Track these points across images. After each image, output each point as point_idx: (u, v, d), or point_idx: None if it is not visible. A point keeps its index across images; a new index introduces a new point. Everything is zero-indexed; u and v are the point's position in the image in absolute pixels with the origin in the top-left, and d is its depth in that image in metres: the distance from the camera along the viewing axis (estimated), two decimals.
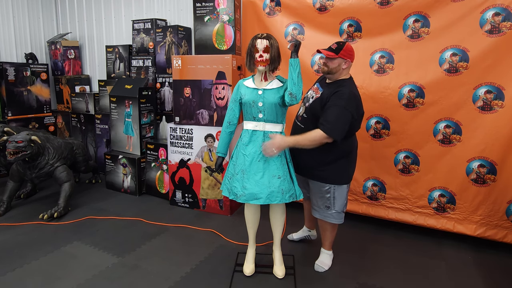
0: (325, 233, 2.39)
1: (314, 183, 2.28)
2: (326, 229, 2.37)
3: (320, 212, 2.30)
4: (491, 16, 2.46)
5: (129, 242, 2.71)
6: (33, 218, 3.07)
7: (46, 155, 3.16)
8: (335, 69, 2.13)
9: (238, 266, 2.36)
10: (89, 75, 4.92)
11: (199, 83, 3.19)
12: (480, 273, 2.37)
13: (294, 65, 1.97)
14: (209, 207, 3.33)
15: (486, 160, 2.59)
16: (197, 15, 3.31)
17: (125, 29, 4.50)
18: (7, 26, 4.49)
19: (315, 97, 2.17)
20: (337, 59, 2.10)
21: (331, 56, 2.10)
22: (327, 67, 2.14)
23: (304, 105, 2.27)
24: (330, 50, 2.12)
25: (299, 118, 2.28)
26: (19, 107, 4.27)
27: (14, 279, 2.20)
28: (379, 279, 2.28)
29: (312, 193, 2.33)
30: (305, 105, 2.25)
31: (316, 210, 2.32)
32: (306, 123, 2.20)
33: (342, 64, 2.12)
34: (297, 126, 2.27)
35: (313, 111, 2.15)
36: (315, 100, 2.16)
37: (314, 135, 2.03)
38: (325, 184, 2.22)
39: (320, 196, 2.27)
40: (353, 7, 2.87)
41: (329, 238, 2.39)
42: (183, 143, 3.34)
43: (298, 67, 1.97)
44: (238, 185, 2.11)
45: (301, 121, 2.25)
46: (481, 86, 2.54)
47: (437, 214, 2.80)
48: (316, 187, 2.27)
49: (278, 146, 2.01)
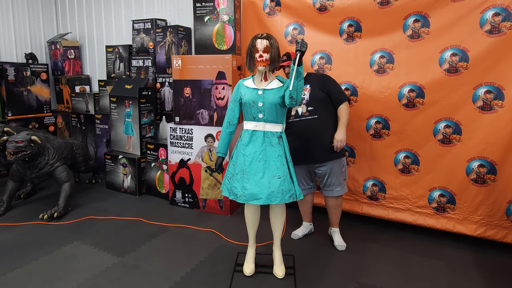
0: (338, 210, 2.69)
1: (334, 162, 2.55)
2: (340, 205, 2.69)
3: (341, 187, 2.61)
4: (491, 16, 2.46)
5: (129, 242, 2.71)
6: (33, 218, 3.07)
7: (46, 155, 3.16)
8: None
9: (238, 266, 2.36)
10: (89, 75, 4.92)
11: (199, 83, 3.19)
12: (480, 273, 2.37)
13: (297, 72, 1.91)
14: (209, 207, 3.33)
15: (486, 160, 2.59)
16: (197, 15, 3.31)
17: (125, 29, 4.50)
18: (7, 26, 4.49)
19: (308, 92, 2.55)
20: None
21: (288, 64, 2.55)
22: None
23: (302, 104, 2.55)
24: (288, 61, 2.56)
25: (305, 114, 2.53)
26: (19, 107, 4.27)
27: (14, 279, 2.20)
28: (379, 279, 2.28)
29: (332, 174, 2.57)
30: (303, 103, 2.55)
31: (337, 190, 2.59)
32: (315, 111, 2.52)
33: None
34: (307, 120, 2.52)
35: (318, 100, 2.53)
36: (311, 93, 2.54)
37: (346, 108, 2.55)
38: (343, 158, 2.61)
39: (340, 172, 2.60)
40: (353, 7, 2.87)
41: (340, 212, 2.71)
42: (183, 143, 3.34)
43: (301, 74, 1.94)
44: (238, 185, 2.11)
45: (310, 114, 2.52)
46: (481, 86, 2.54)
47: (437, 214, 2.80)
48: (336, 166, 2.56)
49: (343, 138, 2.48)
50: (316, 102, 2.52)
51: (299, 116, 2.54)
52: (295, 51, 1.90)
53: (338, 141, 2.48)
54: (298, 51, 1.89)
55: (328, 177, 2.58)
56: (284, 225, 2.39)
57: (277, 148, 2.11)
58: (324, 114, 2.52)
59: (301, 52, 1.89)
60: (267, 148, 2.10)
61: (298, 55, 1.89)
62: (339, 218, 2.72)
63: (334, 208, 2.68)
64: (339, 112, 2.56)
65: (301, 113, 2.54)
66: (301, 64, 1.91)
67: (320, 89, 2.53)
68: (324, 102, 2.53)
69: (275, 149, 2.10)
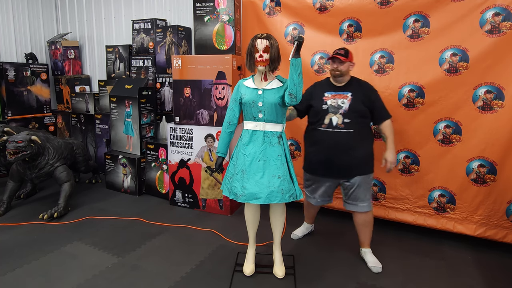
0: (368, 228, 2.46)
1: (362, 178, 2.36)
2: (370, 224, 2.46)
3: (368, 204, 2.40)
4: (491, 16, 2.46)
5: (129, 242, 2.71)
6: (33, 218, 3.07)
7: (46, 155, 3.16)
8: (345, 72, 2.37)
9: (238, 266, 2.36)
10: (89, 75, 4.92)
11: (199, 83, 3.19)
12: (480, 273, 2.37)
13: (295, 65, 1.90)
14: (209, 207, 3.33)
15: (486, 160, 2.59)
16: (197, 15, 3.31)
17: (125, 29, 4.50)
18: (7, 26, 4.49)
19: (348, 102, 2.32)
20: (347, 62, 2.34)
21: (344, 60, 2.32)
22: (339, 71, 2.35)
23: (338, 113, 2.33)
24: (341, 55, 2.33)
25: (340, 125, 2.32)
26: (19, 107, 4.27)
27: (14, 279, 2.20)
28: (379, 279, 2.28)
29: (359, 187, 2.37)
30: (339, 112, 2.33)
31: (362, 205, 2.39)
32: (351, 125, 2.31)
33: (350, 67, 2.39)
34: (340, 133, 2.32)
35: (357, 113, 2.32)
36: (352, 103, 2.32)
37: (390, 126, 2.39)
38: (371, 174, 2.41)
39: (367, 188, 2.40)
40: (353, 7, 2.87)
41: (370, 231, 2.48)
42: (183, 143, 3.34)
43: (299, 67, 1.92)
44: (238, 185, 2.11)
45: (346, 127, 2.31)
46: (481, 86, 2.54)
47: (437, 214, 2.80)
48: (363, 181, 2.37)
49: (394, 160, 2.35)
50: (354, 115, 2.31)
51: (332, 126, 2.34)
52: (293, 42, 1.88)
53: (391, 163, 2.33)
54: (296, 41, 1.87)
55: (355, 190, 2.37)
56: (284, 225, 2.39)
57: (277, 148, 2.11)
58: (360, 129, 2.33)
59: (299, 42, 1.86)
60: (267, 148, 2.10)
61: (295, 44, 1.86)
62: (370, 238, 2.47)
63: (363, 225, 2.44)
64: (383, 130, 2.38)
65: (335, 124, 2.33)
66: (298, 57, 1.89)
67: (362, 102, 2.32)
68: (363, 116, 2.34)
69: (275, 149, 2.10)
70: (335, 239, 2.80)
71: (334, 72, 2.37)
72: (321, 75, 3.03)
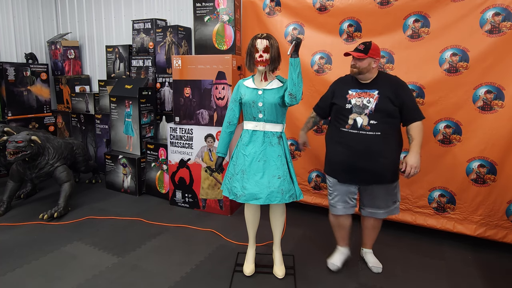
0: (375, 231, 2.40)
1: (383, 186, 2.19)
2: (378, 228, 2.40)
3: (386, 210, 2.27)
4: (491, 16, 2.46)
5: (129, 242, 2.71)
6: (33, 218, 3.07)
7: (46, 155, 3.16)
8: (366, 69, 2.13)
9: (238, 266, 2.36)
10: (89, 75, 4.92)
11: (199, 83, 3.19)
12: (480, 273, 2.37)
13: (294, 65, 1.91)
14: (209, 207, 3.33)
15: (486, 160, 2.59)
16: (197, 15, 3.31)
17: (125, 29, 4.50)
18: (7, 26, 4.49)
19: (374, 101, 2.10)
20: (366, 59, 2.11)
21: (361, 57, 2.10)
22: (357, 68, 2.14)
23: (363, 113, 2.12)
24: (359, 51, 2.13)
25: (366, 127, 2.10)
26: (19, 107, 4.27)
27: (14, 279, 2.20)
28: (379, 279, 2.28)
29: (378, 197, 2.23)
30: (365, 113, 2.11)
31: (380, 212, 2.27)
32: (378, 127, 2.09)
33: (372, 63, 2.13)
34: (366, 136, 2.10)
35: (385, 112, 2.09)
36: (379, 102, 2.09)
37: (420, 127, 2.11)
38: (397, 181, 2.24)
39: (389, 195, 2.24)
40: (353, 7, 2.87)
41: (376, 234, 2.42)
42: (183, 143, 3.34)
43: (298, 67, 1.92)
44: (238, 185, 2.11)
45: (372, 129, 2.09)
46: (481, 86, 2.54)
47: (437, 214, 2.80)
48: (385, 189, 2.21)
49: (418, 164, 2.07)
50: (381, 116, 2.08)
51: (357, 128, 2.12)
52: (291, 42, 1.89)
53: (413, 167, 2.04)
54: (294, 41, 1.88)
55: (374, 198, 2.24)
56: (284, 225, 2.38)
57: (277, 148, 2.11)
58: (388, 131, 2.10)
59: (297, 42, 1.87)
60: (267, 148, 2.10)
61: (294, 43, 1.88)
62: (374, 240, 2.43)
63: (371, 229, 2.38)
64: (411, 130, 2.11)
65: (360, 125, 2.11)
66: (297, 56, 1.90)
67: (391, 101, 2.08)
68: (391, 116, 2.10)
69: (275, 149, 2.10)
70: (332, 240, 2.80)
71: (351, 69, 2.18)
72: (321, 75, 3.03)
